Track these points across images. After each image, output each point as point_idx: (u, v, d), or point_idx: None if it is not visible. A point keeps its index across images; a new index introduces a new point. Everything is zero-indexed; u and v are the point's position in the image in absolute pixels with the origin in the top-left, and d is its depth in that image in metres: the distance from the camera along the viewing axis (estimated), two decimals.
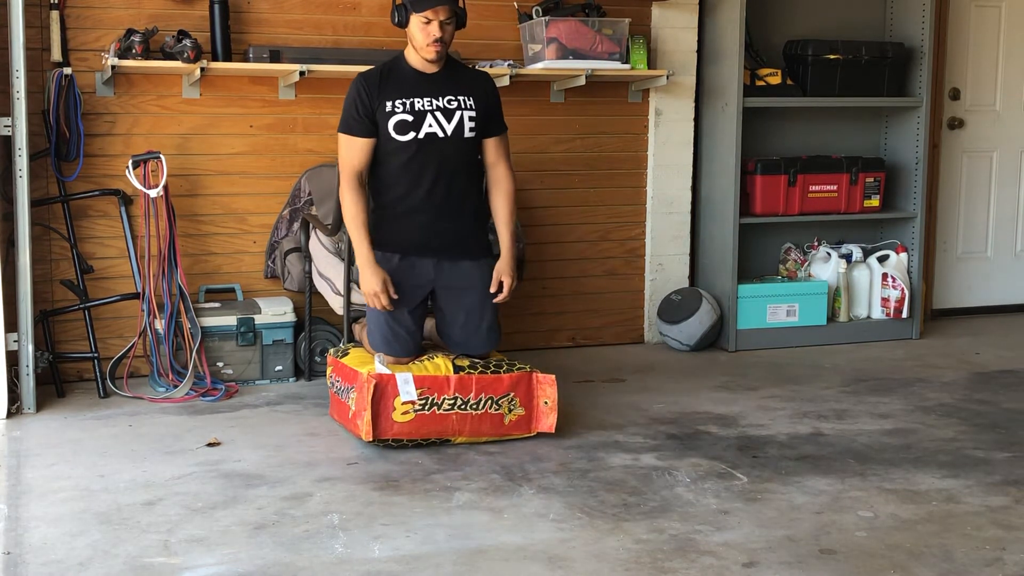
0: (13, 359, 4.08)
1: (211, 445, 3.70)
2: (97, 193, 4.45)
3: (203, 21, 4.49)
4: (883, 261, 5.56)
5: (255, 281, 4.76)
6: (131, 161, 4.33)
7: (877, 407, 4.27)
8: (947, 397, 4.44)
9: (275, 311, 4.52)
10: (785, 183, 5.34)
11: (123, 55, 4.27)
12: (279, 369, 4.54)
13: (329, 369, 3.99)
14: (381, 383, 3.58)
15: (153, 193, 4.33)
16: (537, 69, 4.84)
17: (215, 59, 4.45)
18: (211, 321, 4.43)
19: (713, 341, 5.27)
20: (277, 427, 3.94)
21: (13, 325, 4.06)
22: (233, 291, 4.72)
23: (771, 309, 5.32)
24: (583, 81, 4.90)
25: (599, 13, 4.95)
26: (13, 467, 3.48)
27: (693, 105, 5.33)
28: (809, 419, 4.10)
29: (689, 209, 5.40)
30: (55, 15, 4.31)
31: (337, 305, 4.38)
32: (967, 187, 6.13)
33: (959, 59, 6.00)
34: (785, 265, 5.62)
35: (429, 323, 3.99)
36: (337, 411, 3.90)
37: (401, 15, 3.80)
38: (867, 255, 5.58)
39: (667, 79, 5.09)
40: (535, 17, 4.88)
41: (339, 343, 4.48)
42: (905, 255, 5.56)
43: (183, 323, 4.37)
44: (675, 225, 5.39)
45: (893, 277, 5.48)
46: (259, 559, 2.78)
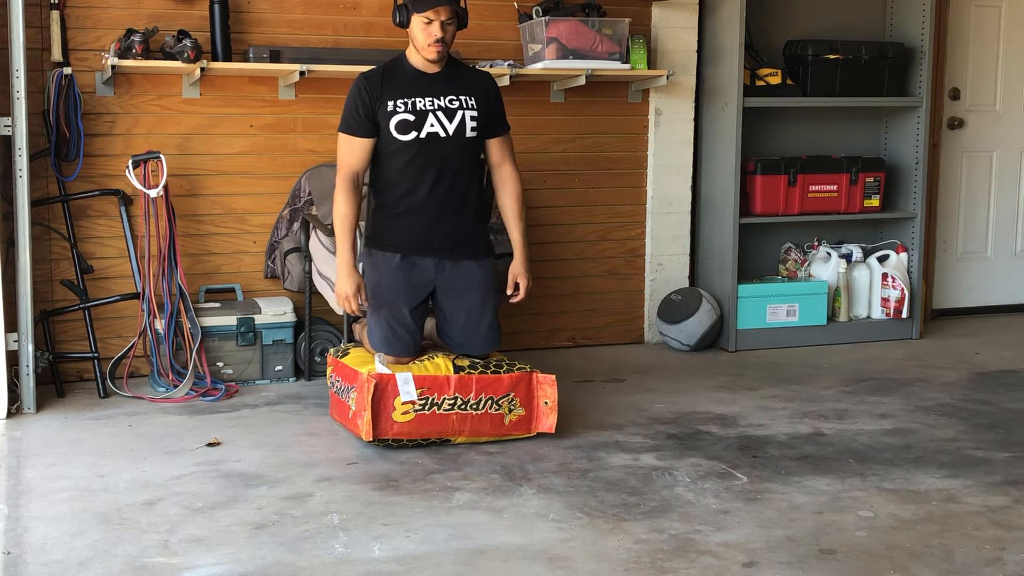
0: (13, 359, 4.08)
1: (211, 445, 3.70)
2: (97, 193, 4.45)
3: (203, 21, 4.49)
4: (883, 261, 5.56)
5: (255, 281, 4.76)
6: (131, 161, 4.33)
7: (877, 407, 4.27)
8: (947, 397, 4.44)
9: (275, 311, 4.52)
10: (785, 183, 5.34)
11: (123, 55, 4.27)
12: (279, 369, 4.54)
13: (329, 369, 3.99)
14: (381, 383, 3.58)
15: (153, 193, 4.33)
16: (537, 69, 4.84)
17: (215, 59, 4.45)
18: (211, 321, 4.43)
19: (713, 341, 5.27)
20: (277, 427, 3.94)
21: (13, 325, 4.06)
22: (233, 291, 4.72)
23: (771, 309, 5.32)
24: (583, 81, 4.90)
25: (599, 13, 4.95)
26: (13, 467, 3.49)
27: (693, 105, 5.33)
28: (809, 419, 4.10)
29: (689, 209, 5.40)
30: (55, 15, 4.31)
31: (337, 305, 4.39)
32: (967, 187, 6.13)
33: (959, 59, 6.00)
34: (785, 265, 5.61)
35: (429, 323, 3.99)
36: (337, 411, 3.90)
37: (402, 15, 3.79)
38: (867, 255, 5.58)
39: (667, 79, 5.09)
40: (535, 17, 4.88)
41: (339, 343, 4.48)
42: (905, 255, 5.56)
43: (183, 323, 4.37)
44: (675, 225, 5.39)
45: (893, 277, 5.48)
46: (259, 559, 2.78)
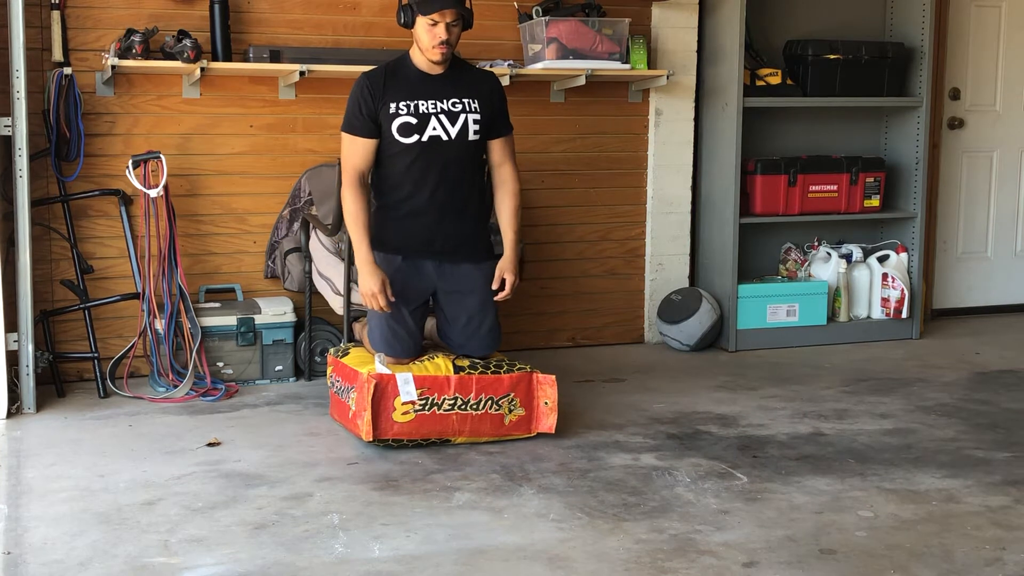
0: (13, 359, 4.08)
1: (211, 445, 3.70)
2: (97, 193, 4.45)
3: (203, 21, 4.49)
4: (883, 261, 5.56)
5: (255, 281, 4.76)
6: (131, 161, 4.33)
7: (877, 407, 4.27)
8: (947, 397, 4.44)
9: (275, 311, 4.52)
10: (785, 183, 5.34)
11: (123, 55, 4.27)
12: (279, 369, 4.54)
13: (329, 369, 3.99)
14: (381, 383, 3.58)
15: (153, 193, 4.33)
16: (537, 69, 4.84)
17: (215, 59, 4.45)
18: (211, 321, 4.43)
19: (713, 341, 5.27)
20: (277, 427, 3.94)
21: (13, 325, 4.06)
22: (233, 291, 4.72)
23: (771, 309, 5.32)
24: (583, 81, 4.90)
25: (599, 13, 4.95)
26: (13, 467, 3.48)
27: (693, 105, 5.33)
28: (809, 419, 4.10)
29: (689, 209, 5.40)
30: (56, 15, 4.30)
31: (337, 305, 4.38)
32: (967, 187, 6.13)
33: (959, 59, 6.00)
34: (785, 265, 5.61)
35: (429, 323, 3.99)
36: (337, 411, 3.90)
37: (407, 15, 3.74)
38: (867, 255, 5.58)
39: (667, 79, 5.09)
40: (535, 17, 4.88)
41: (339, 343, 4.48)
42: (905, 255, 5.56)
43: (183, 323, 4.37)
44: (675, 225, 5.38)
45: (893, 277, 5.48)
46: (259, 559, 2.78)
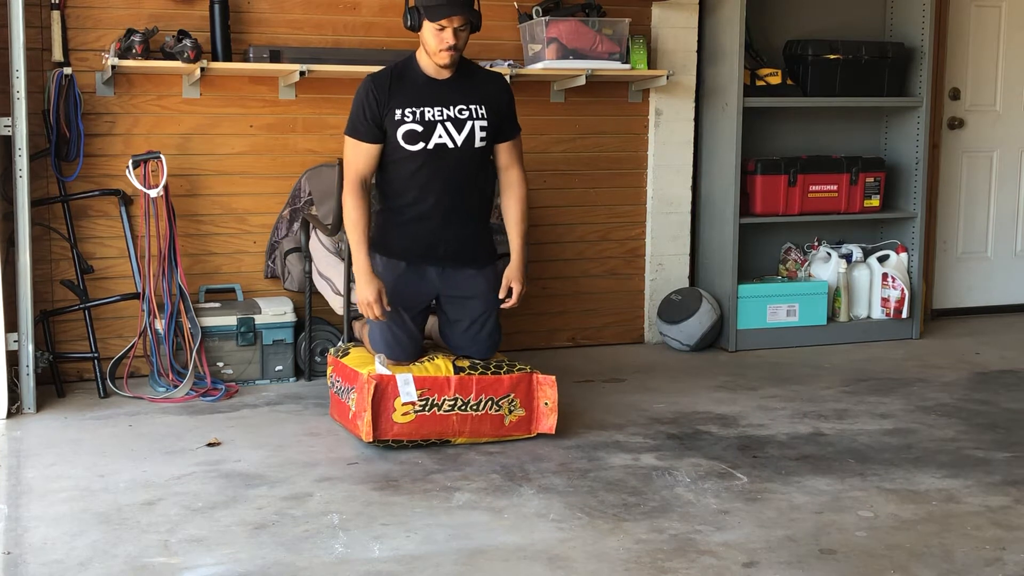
0: (13, 359, 4.08)
1: (211, 445, 3.70)
2: (97, 193, 4.45)
3: (203, 21, 4.49)
4: (883, 261, 5.56)
5: (255, 281, 4.76)
6: (131, 161, 4.33)
7: (877, 407, 4.27)
8: (947, 397, 4.44)
9: (275, 311, 4.52)
10: (785, 183, 5.34)
11: (123, 55, 4.27)
12: (279, 369, 4.54)
13: (329, 369, 3.99)
14: (381, 384, 3.58)
15: (153, 193, 4.33)
16: (537, 69, 4.84)
17: (215, 59, 4.45)
18: (211, 321, 4.43)
19: (713, 341, 5.27)
20: (277, 427, 3.94)
21: (13, 325, 4.06)
22: (233, 291, 4.72)
23: (771, 309, 5.32)
24: (583, 81, 4.90)
25: (599, 13, 4.95)
26: (13, 467, 3.49)
27: (693, 105, 5.33)
28: (809, 419, 4.10)
29: (689, 209, 5.40)
30: (56, 15, 4.30)
31: (337, 305, 4.38)
32: (967, 187, 6.13)
33: (959, 59, 6.00)
34: (785, 265, 5.61)
35: (430, 322, 3.98)
36: (337, 411, 3.90)
37: (414, 19, 3.69)
38: (867, 255, 5.58)
39: (667, 79, 5.09)
40: (535, 17, 4.88)
41: (339, 343, 4.47)
42: (905, 255, 5.56)
43: (183, 323, 4.37)
44: (675, 225, 5.39)
45: (893, 277, 5.48)
46: (259, 559, 2.78)
